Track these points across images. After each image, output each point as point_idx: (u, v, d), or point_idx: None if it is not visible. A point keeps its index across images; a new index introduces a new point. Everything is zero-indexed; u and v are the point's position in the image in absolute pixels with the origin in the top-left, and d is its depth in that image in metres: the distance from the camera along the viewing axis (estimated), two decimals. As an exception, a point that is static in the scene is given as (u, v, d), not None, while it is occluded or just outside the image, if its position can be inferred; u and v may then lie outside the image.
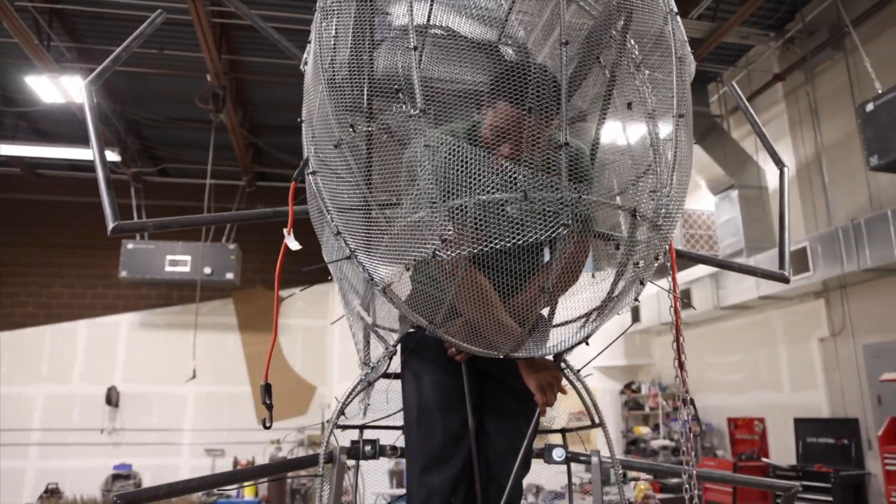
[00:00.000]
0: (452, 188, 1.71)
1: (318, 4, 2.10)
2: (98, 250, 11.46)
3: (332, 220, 1.95)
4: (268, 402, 2.28)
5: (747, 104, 2.91)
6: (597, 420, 2.44)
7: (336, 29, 2.11)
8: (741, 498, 8.25)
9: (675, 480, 8.23)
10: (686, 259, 2.90)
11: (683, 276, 9.28)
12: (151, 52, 8.56)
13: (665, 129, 2.02)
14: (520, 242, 1.66)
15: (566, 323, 2.06)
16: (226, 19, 7.99)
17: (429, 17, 2.29)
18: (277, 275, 2.19)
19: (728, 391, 9.69)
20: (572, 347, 1.99)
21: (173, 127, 10.31)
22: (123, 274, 9.94)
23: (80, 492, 9.86)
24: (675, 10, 2.02)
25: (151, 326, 11.42)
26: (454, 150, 1.74)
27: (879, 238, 6.87)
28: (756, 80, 9.12)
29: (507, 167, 1.78)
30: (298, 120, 2.20)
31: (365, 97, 2.13)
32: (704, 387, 9.96)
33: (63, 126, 9.95)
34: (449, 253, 1.67)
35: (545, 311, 2.07)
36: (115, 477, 10.31)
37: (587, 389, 2.41)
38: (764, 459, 8.42)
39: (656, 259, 1.98)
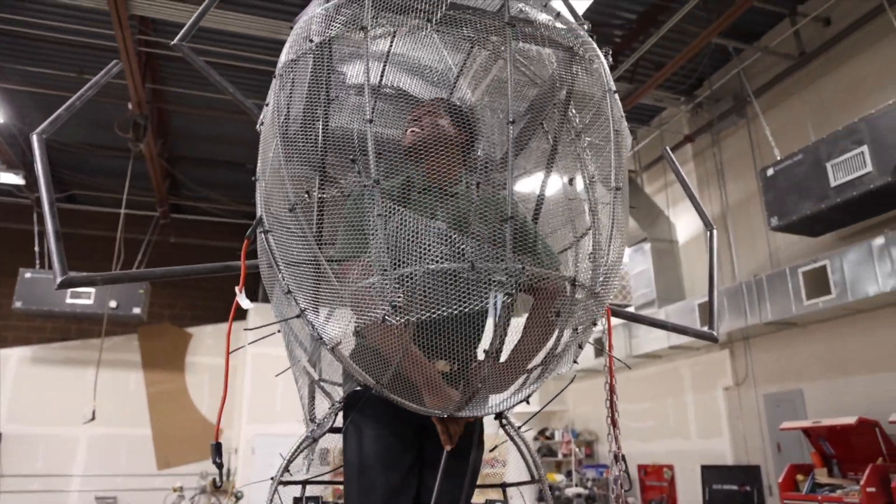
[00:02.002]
0: (402, 257, 1.80)
1: (276, 71, 2.15)
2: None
3: (284, 279, 1.96)
4: (218, 461, 2.17)
5: (679, 168, 3.02)
6: (536, 476, 2.46)
7: (291, 93, 2.17)
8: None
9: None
10: (622, 318, 2.83)
11: (598, 326, 9.54)
12: (69, 76, 8.26)
13: (602, 194, 2.16)
14: (466, 310, 1.74)
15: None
16: (151, 48, 7.83)
17: (381, 77, 2.42)
18: (228, 333, 2.11)
19: (638, 438, 9.94)
20: (513, 406, 2.05)
21: (85, 152, 9.89)
22: (18, 305, 9.34)
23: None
24: (614, 88, 2.17)
25: (44, 362, 10.67)
26: (405, 220, 1.84)
27: (779, 293, 7.33)
28: (668, 139, 9.68)
29: (455, 238, 1.87)
30: (253, 178, 2.21)
31: (317, 164, 2.16)
32: (614, 434, 10.17)
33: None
34: (397, 319, 1.73)
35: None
36: (-7, 527, 9.47)
37: (527, 445, 2.45)
38: (672, 506, 8.65)
39: (594, 324, 2.10)
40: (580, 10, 2.50)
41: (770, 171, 7.22)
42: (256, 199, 2.17)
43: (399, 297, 1.75)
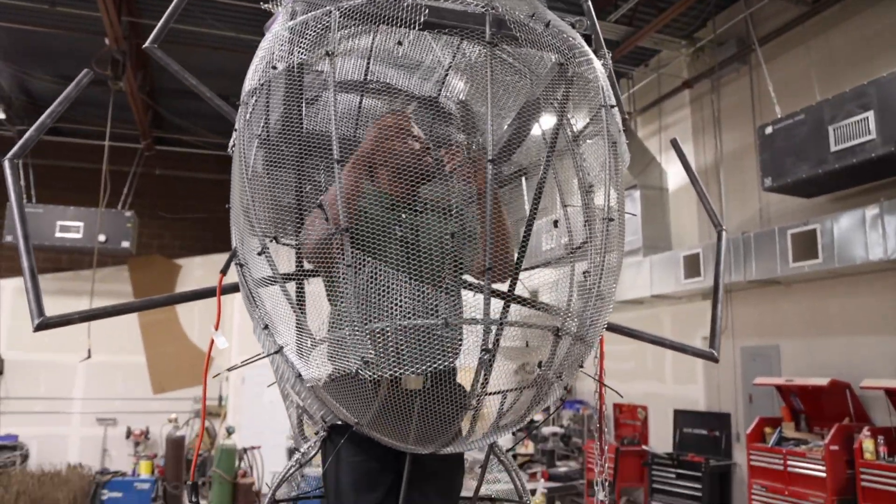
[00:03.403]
0: (373, 311, 1.76)
1: (241, 98, 2.03)
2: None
3: (262, 317, 1.93)
4: (194, 500, 2.24)
5: (688, 162, 2.82)
6: (524, 497, 2.52)
7: (252, 123, 2.04)
8: (621, 478, 8.84)
9: (562, 470, 8.71)
10: (617, 333, 2.63)
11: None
12: (42, 8, 7.89)
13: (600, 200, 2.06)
14: (439, 368, 1.71)
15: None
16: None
17: (366, 73, 2.28)
18: (205, 371, 2.12)
19: (617, 378, 10.20)
20: (495, 440, 2.10)
21: (65, 85, 9.59)
22: (9, 238, 9.36)
23: (-39, 464, 9.47)
24: (612, 102, 2.03)
25: (39, 291, 10.82)
26: (375, 273, 1.79)
27: (765, 252, 7.29)
28: (665, 83, 9.34)
29: (428, 294, 1.82)
30: (226, 206, 2.13)
31: (284, 208, 2.07)
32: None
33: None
34: (370, 373, 1.70)
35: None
36: (0, 448, 9.92)
37: (514, 467, 2.51)
38: (644, 447, 9.00)
39: (580, 365, 2.04)
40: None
41: (768, 130, 7.02)
42: (231, 228, 2.11)
43: (370, 352, 1.72)
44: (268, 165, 2.05)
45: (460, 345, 1.79)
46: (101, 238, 9.54)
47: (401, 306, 1.77)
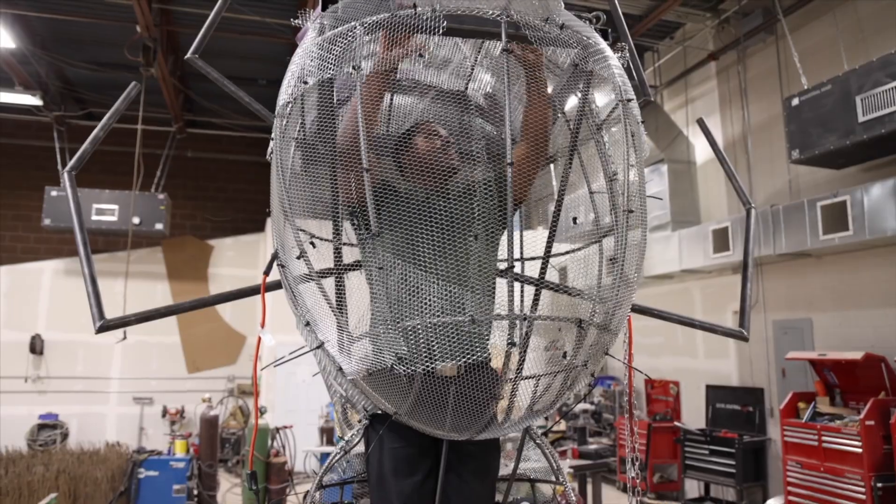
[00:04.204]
0: (404, 311, 1.90)
1: (276, 111, 2.11)
2: (19, 191, 11.02)
3: (303, 314, 2.02)
4: (255, 487, 2.34)
5: (715, 141, 2.82)
6: (560, 479, 2.57)
7: (288, 137, 2.12)
8: (653, 455, 8.80)
9: (593, 447, 8.71)
10: (645, 315, 2.65)
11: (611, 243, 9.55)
12: (77, -2, 8.11)
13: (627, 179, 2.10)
14: (469, 361, 1.81)
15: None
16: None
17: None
18: (255, 368, 2.21)
19: (647, 353, 10.17)
20: (528, 425, 2.18)
21: (100, 71, 9.85)
22: (47, 222, 9.63)
23: (5, 441, 9.76)
24: (631, 96, 2.07)
25: (76, 274, 11.10)
26: (405, 275, 1.92)
27: (795, 225, 7.21)
28: (691, 55, 9.24)
29: (454, 292, 1.93)
30: (266, 210, 2.22)
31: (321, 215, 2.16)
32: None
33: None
34: (404, 369, 1.83)
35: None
36: (41, 426, 10.22)
37: (551, 450, 2.55)
38: (676, 423, 8.95)
39: (606, 353, 2.09)
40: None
41: (795, 101, 6.92)
42: (272, 230, 2.21)
43: (403, 348, 1.86)
44: (305, 165, 2.15)
45: (488, 339, 1.90)
46: (136, 220, 9.76)
47: (430, 305, 1.91)
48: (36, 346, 10.69)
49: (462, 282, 2.00)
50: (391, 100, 2.51)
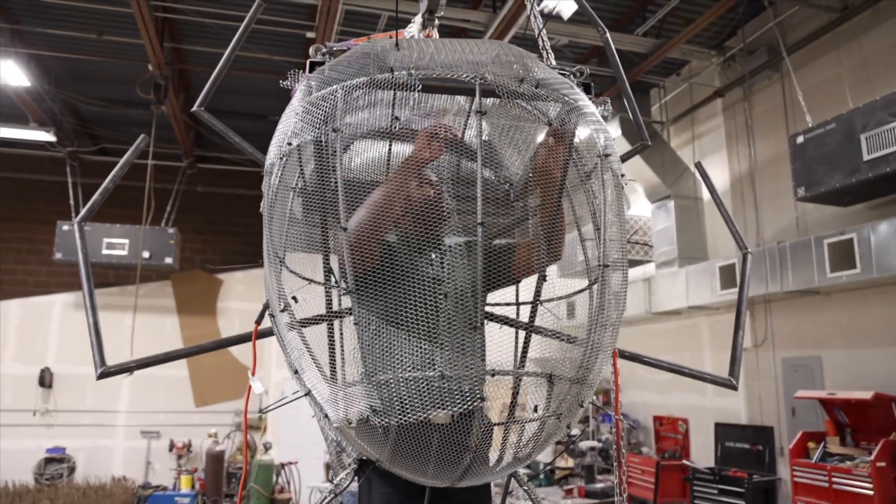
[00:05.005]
0: (378, 365, 1.97)
1: (265, 168, 2.18)
2: (32, 225, 11.15)
3: (291, 363, 2.07)
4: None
5: (713, 185, 2.84)
6: None
7: (274, 196, 2.16)
8: (662, 492, 8.70)
9: (600, 486, 8.62)
10: (632, 361, 2.66)
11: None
12: (90, 38, 8.27)
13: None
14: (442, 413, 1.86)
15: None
16: (168, 14, 7.78)
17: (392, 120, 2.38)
18: (245, 412, 2.23)
19: (655, 390, 10.09)
20: (507, 473, 2.19)
21: (113, 108, 10.04)
22: (58, 256, 9.73)
23: (12, 475, 9.77)
24: (608, 153, 2.09)
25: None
26: (378, 332, 1.98)
27: (802, 262, 7.18)
28: (697, 92, 9.29)
29: (425, 349, 1.97)
30: (259, 260, 2.25)
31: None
32: (634, 384, 10.36)
33: (-2, 104, 9.60)
34: (377, 421, 1.89)
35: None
36: (48, 460, 10.23)
37: (537, 498, 2.55)
38: (685, 461, 8.85)
39: (581, 405, 2.10)
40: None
41: (800, 139, 6.94)
42: (265, 278, 2.23)
43: (377, 401, 1.92)
44: (290, 223, 2.20)
45: (460, 396, 1.90)
46: (146, 255, 9.85)
47: (402, 360, 1.98)
48: (45, 380, 10.73)
49: (433, 338, 2.02)
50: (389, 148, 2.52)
